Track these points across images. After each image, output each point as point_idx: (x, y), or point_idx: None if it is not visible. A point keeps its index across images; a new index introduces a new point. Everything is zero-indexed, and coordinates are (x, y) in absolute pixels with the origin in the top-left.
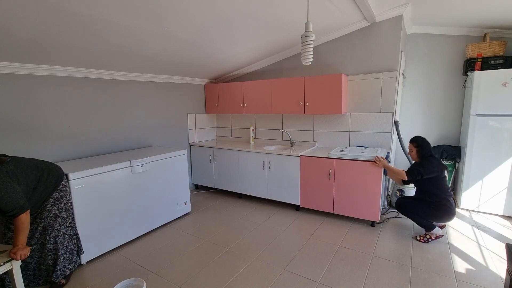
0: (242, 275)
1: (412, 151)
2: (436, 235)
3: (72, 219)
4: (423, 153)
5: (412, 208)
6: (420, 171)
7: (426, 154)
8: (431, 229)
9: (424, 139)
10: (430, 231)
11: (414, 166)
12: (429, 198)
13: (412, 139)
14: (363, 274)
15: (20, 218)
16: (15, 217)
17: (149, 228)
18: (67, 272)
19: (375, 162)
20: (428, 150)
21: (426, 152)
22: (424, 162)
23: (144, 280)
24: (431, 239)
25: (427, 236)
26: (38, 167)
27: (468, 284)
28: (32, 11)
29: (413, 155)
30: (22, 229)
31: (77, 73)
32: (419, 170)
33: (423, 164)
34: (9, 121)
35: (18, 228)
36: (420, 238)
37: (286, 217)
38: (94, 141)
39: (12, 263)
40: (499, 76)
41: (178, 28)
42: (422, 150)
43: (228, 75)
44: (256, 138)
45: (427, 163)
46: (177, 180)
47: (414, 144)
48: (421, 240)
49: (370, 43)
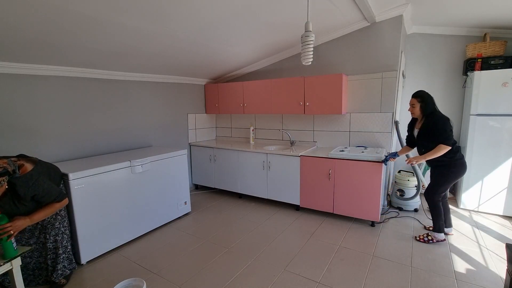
0: (242, 275)
1: (415, 107)
2: (438, 239)
3: (68, 219)
4: (426, 109)
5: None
6: (449, 132)
7: (430, 110)
8: (441, 230)
9: (428, 94)
10: (439, 232)
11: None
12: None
13: (416, 94)
14: (363, 274)
15: (62, 202)
16: (59, 201)
17: (149, 228)
18: (67, 272)
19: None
20: (432, 105)
21: (430, 108)
22: (439, 120)
23: (144, 280)
24: (432, 241)
25: (429, 237)
26: (49, 167)
27: (468, 284)
28: (32, 11)
29: (416, 111)
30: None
31: (77, 73)
32: (448, 132)
33: (442, 123)
34: (9, 121)
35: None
36: (421, 238)
37: (286, 217)
38: (94, 141)
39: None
40: (499, 76)
41: (179, 28)
42: (426, 106)
43: (228, 75)
44: (256, 138)
45: (442, 120)
46: (177, 180)
47: (418, 99)
48: (421, 239)
49: (370, 43)
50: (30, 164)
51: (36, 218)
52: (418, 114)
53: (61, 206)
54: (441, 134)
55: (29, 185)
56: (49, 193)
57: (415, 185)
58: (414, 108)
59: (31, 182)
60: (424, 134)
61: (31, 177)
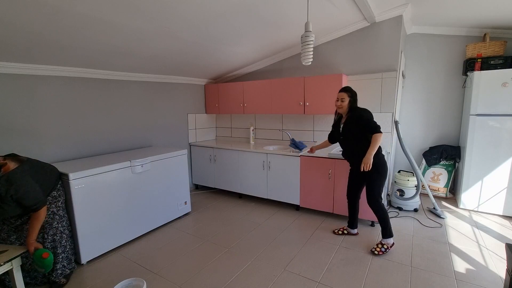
0: (242, 275)
1: (344, 101)
2: (390, 244)
3: (67, 219)
4: (353, 104)
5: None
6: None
7: (355, 105)
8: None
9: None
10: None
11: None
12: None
13: (345, 89)
14: (363, 274)
15: (40, 212)
16: (36, 211)
17: (149, 228)
18: (67, 271)
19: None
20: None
21: (355, 103)
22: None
23: (144, 280)
24: (388, 249)
25: (384, 246)
26: (43, 167)
27: (468, 284)
28: (32, 11)
29: (344, 106)
30: (39, 222)
31: (77, 73)
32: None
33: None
34: (9, 121)
35: (36, 221)
36: (379, 251)
37: (286, 217)
38: (94, 141)
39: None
40: (499, 76)
41: (179, 28)
42: (354, 101)
43: (228, 75)
44: (256, 138)
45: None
46: (177, 180)
47: (348, 93)
48: (380, 252)
49: (370, 43)
50: (14, 163)
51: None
52: (345, 109)
53: (41, 215)
54: (370, 123)
55: (10, 183)
56: (28, 196)
57: (415, 185)
58: (343, 103)
59: (13, 181)
60: (351, 127)
61: (13, 175)
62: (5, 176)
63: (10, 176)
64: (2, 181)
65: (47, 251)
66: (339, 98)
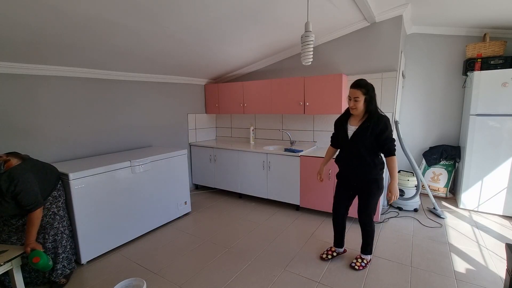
0: (242, 275)
1: (358, 100)
2: (370, 260)
3: (68, 219)
4: (371, 105)
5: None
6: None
7: (375, 106)
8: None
9: (372, 84)
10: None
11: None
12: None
13: (359, 83)
14: (363, 274)
15: (36, 213)
16: (31, 211)
17: (149, 228)
18: (67, 271)
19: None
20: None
21: (375, 104)
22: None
23: (144, 280)
24: (368, 265)
25: (364, 261)
26: (44, 166)
27: (468, 284)
28: (32, 11)
29: (359, 107)
30: (36, 223)
31: (77, 73)
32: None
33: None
34: (9, 121)
35: (32, 223)
36: (359, 266)
37: (286, 217)
38: (94, 141)
39: (12, 262)
40: (499, 76)
41: (178, 28)
42: (371, 100)
43: (228, 75)
44: (256, 138)
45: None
46: (177, 180)
47: (362, 90)
48: (360, 268)
49: (370, 43)
50: (17, 160)
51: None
52: (360, 110)
53: (35, 217)
54: (391, 142)
55: (12, 179)
56: (26, 194)
57: (415, 185)
58: (356, 103)
59: (15, 177)
60: (365, 136)
61: (15, 171)
62: (8, 172)
63: (12, 172)
64: (5, 177)
65: (38, 256)
66: (352, 96)
